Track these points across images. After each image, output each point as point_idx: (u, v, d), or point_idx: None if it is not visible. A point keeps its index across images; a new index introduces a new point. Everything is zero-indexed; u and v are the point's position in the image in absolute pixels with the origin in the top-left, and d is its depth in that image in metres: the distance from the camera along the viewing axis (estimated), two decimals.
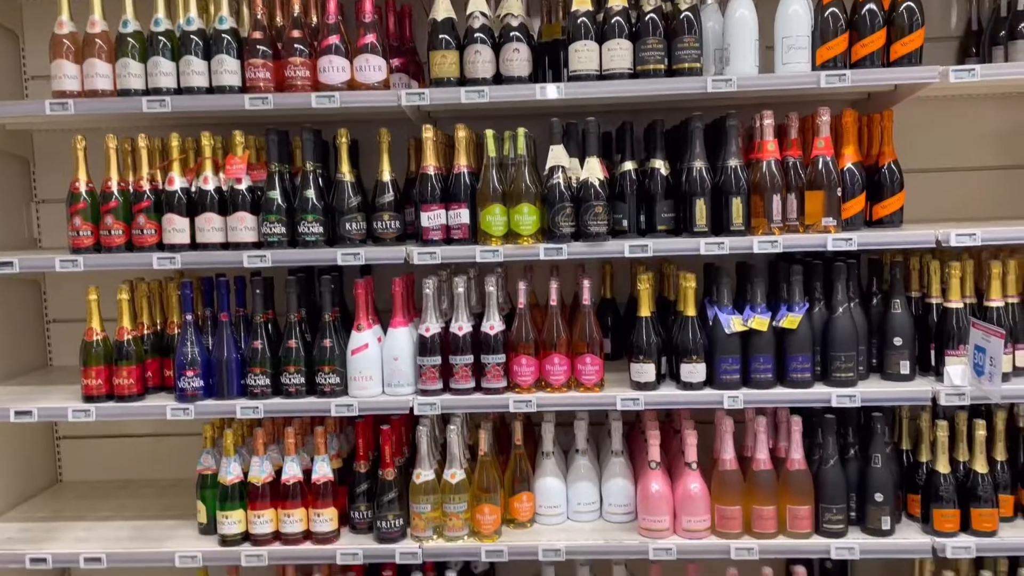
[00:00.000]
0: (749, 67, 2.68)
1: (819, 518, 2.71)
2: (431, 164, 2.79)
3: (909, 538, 2.70)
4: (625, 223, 2.82)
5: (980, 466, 2.67)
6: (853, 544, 2.67)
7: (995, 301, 2.70)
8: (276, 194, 2.76)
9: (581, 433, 2.96)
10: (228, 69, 2.73)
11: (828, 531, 2.70)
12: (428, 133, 2.77)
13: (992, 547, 2.65)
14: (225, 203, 2.78)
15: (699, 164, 2.73)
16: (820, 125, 2.69)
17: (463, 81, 2.75)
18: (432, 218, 2.77)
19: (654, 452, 2.78)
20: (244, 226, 2.77)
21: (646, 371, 2.76)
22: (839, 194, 2.69)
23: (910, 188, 2.86)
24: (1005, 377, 2.61)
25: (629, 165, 2.85)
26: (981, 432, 2.66)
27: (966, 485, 2.67)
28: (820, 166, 2.68)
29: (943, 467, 2.67)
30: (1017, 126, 3.20)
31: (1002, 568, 2.72)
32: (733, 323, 2.70)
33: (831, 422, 2.71)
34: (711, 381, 2.74)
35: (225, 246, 2.79)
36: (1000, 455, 2.74)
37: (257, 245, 2.79)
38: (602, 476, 2.94)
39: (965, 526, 2.67)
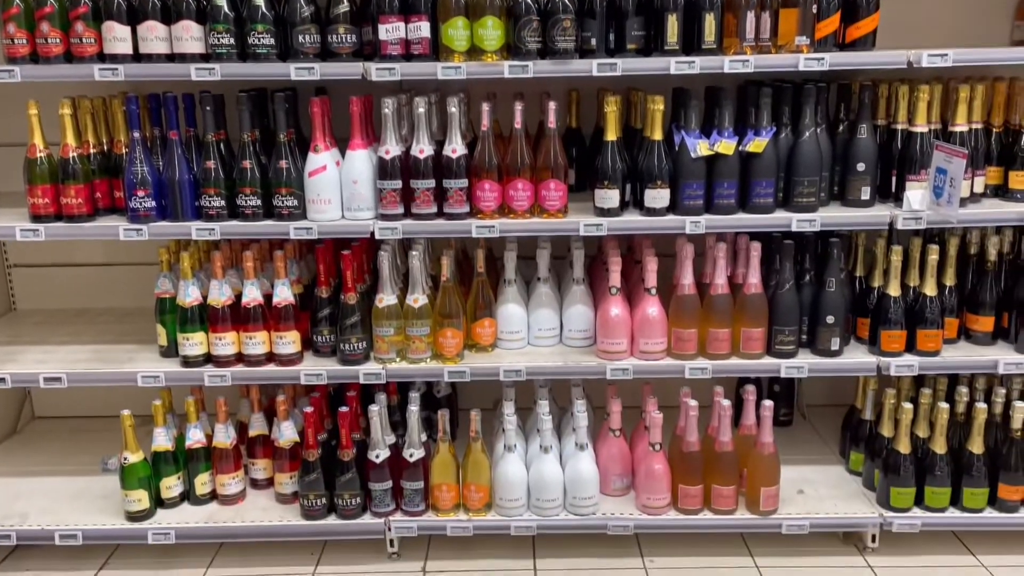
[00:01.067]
0: None
1: (771, 340, 2.79)
2: None
3: (856, 358, 2.81)
4: (593, 42, 2.70)
5: (930, 289, 2.74)
6: (803, 363, 2.77)
7: (960, 126, 2.69)
8: (223, 1, 2.58)
9: (543, 262, 2.96)
10: None
11: (780, 352, 2.79)
12: None
13: (934, 366, 2.77)
14: (168, 10, 2.60)
15: None
16: None
17: None
18: (390, 31, 2.63)
19: (615, 278, 2.80)
20: (190, 36, 2.60)
21: (610, 197, 2.73)
22: (814, 11, 2.60)
23: (884, 12, 2.78)
24: (962, 203, 2.65)
25: None
26: (933, 256, 2.72)
27: (914, 308, 2.76)
28: None
29: (894, 291, 2.75)
30: None
31: (941, 386, 2.85)
32: (699, 147, 2.66)
33: (789, 247, 2.74)
34: (674, 207, 2.74)
35: (171, 58, 2.63)
36: (949, 280, 2.81)
37: (204, 58, 2.63)
38: (563, 304, 2.98)
39: (910, 347, 2.78)
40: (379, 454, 2.77)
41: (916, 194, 2.65)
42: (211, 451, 2.90)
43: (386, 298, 2.79)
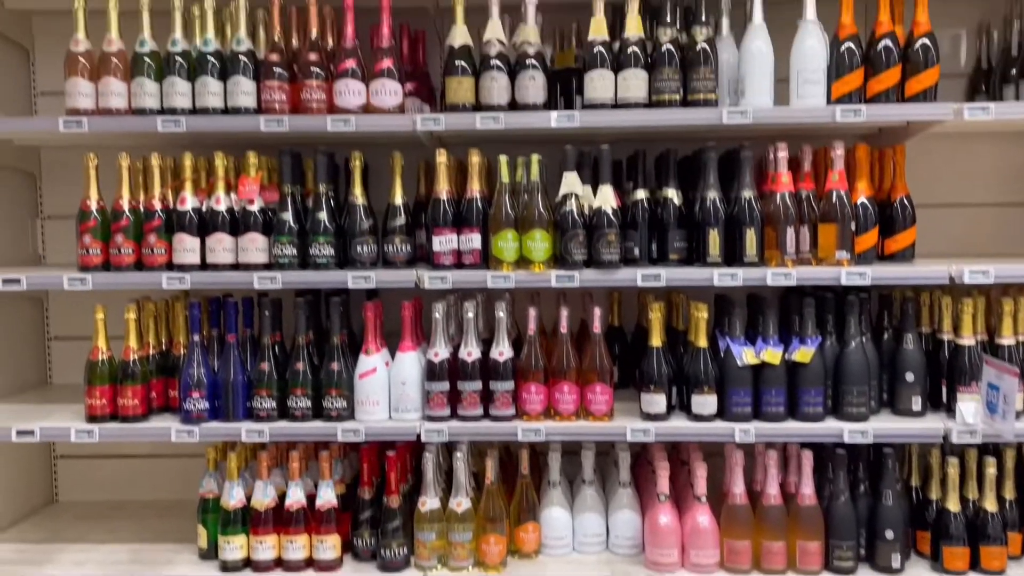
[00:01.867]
0: (764, 99, 2.69)
1: (829, 554, 2.68)
2: (444, 189, 2.78)
3: None
4: (636, 251, 2.81)
5: (990, 504, 2.65)
6: None
7: (1007, 339, 2.69)
8: (288, 216, 2.75)
9: (588, 463, 2.93)
10: (244, 90, 2.72)
11: (838, 568, 2.66)
12: (441, 158, 2.77)
13: None
14: (236, 224, 2.77)
15: (713, 195, 2.73)
16: (834, 159, 2.70)
17: (478, 107, 2.75)
18: (444, 243, 2.76)
19: (663, 484, 2.75)
20: (255, 247, 2.75)
21: (657, 401, 2.74)
22: (852, 228, 2.69)
23: (921, 222, 2.87)
24: (1017, 415, 2.60)
25: (642, 194, 2.85)
26: (991, 470, 2.64)
27: (975, 523, 2.65)
28: (834, 199, 2.68)
29: (953, 505, 2.65)
30: None
31: None
32: (745, 355, 2.68)
33: (842, 457, 2.69)
34: (722, 413, 2.73)
35: (236, 267, 2.77)
36: (1009, 493, 2.72)
37: (268, 266, 2.77)
38: (609, 507, 2.91)
39: (974, 564, 2.65)
40: None
41: (969, 407, 2.62)
42: None
43: (429, 501, 2.75)
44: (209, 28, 2.72)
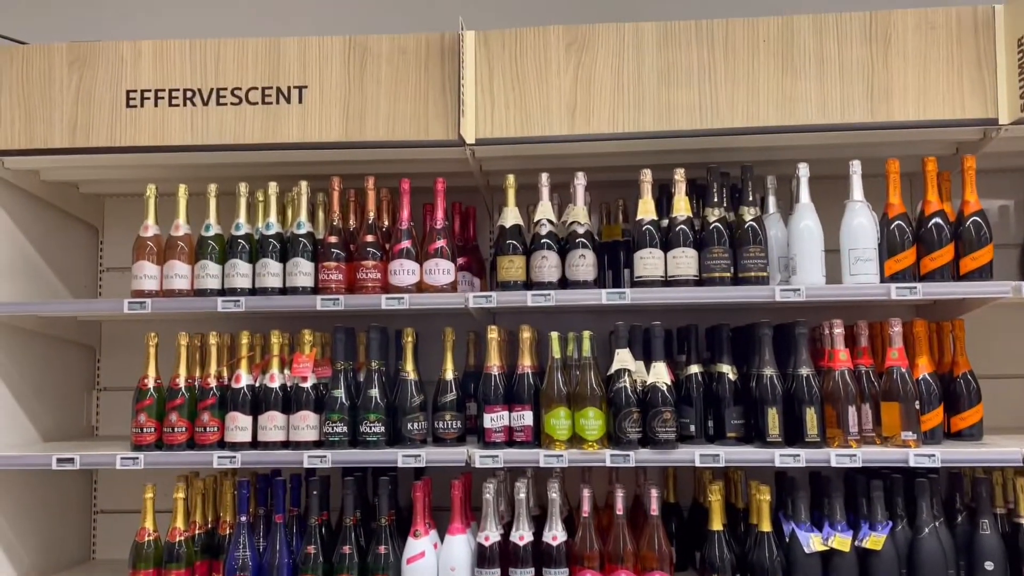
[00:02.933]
0: (816, 275, 2.69)
1: None
2: (495, 364, 2.78)
3: None
4: (692, 428, 2.75)
5: None
6: None
7: None
8: (340, 392, 2.75)
9: None
10: (303, 271, 2.80)
11: None
12: (493, 335, 2.79)
13: None
14: (289, 401, 2.77)
15: (769, 372, 2.68)
16: (893, 336, 2.65)
17: (529, 284, 2.79)
18: (495, 419, 2.73)
19: None
20: (306, 424, 2.75)
21: None
22: (916, 406, 2.61)
23: (986, 393, 2.78)
24: None
25: (695, 368, 2.82)
26: None
27: None
28: (896, 377, 2.62)
29: None
30: None
31: None
32: (813, 542, 2.55)
33: None
34: None
35: (286, 444, 2.76)
36: None
37: (318, 444, 2.75)
38: None
39: None
40: None
41: None
42: None
43: None
44: (272, 212, 2.84)
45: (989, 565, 2.55)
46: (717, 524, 2.65)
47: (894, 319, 2.66)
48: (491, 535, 2.68)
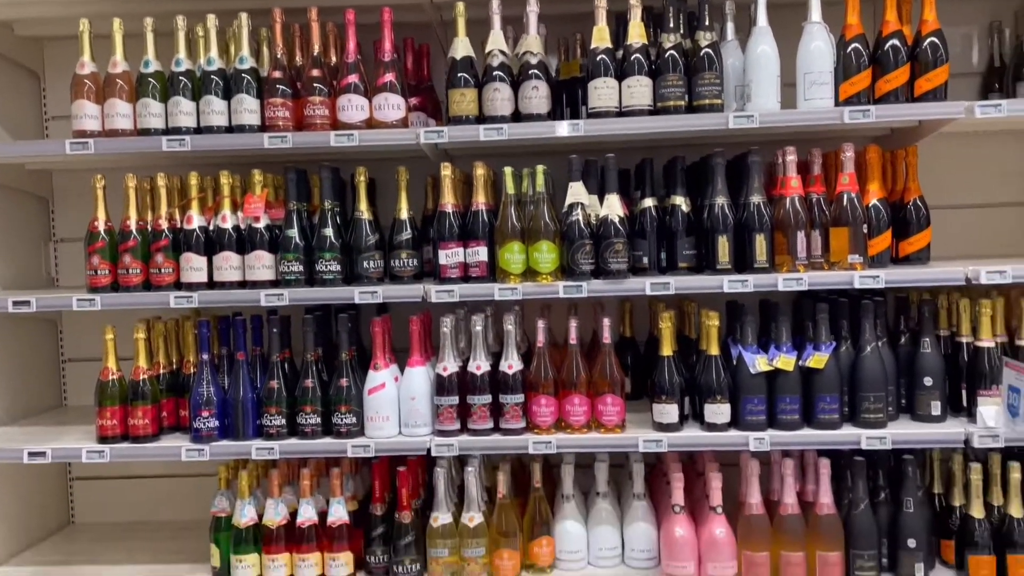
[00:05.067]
0: (771, 103, 2.65)
1: (850, 565, 2.61)
2: (449, 202, 2.77)
3: None
4: (645, 260, 2.78)
5: (1015, 510, 2.57)
6: None
7: None
8: (294, 232, 2.75)
9: (602, 475, 2.88)
10: (248, 108, 2.73)
11: None
12: (447, 171, 2.76)
13: None
14: (243, 241, 2.77)
15: (721, 201, 2.69)
16: (845, 161, 2.65)
17: (481, 119, 2.74)
18: (450, 256, 2.74)
19: (678, 496, 2.70)
20: (262, 264, 2.75)
21: (669, 412, 2.70)
22: (865, 231, 2.64)
23: (935, 224, 2.82)
24: None
25: (649, 202, 2.82)
26: (1016, 475, 2.57)
27: (1001, 530, 2.58)
28: (845, 202, 2.64)
29: (977, 512, 2.59)
30: None
31: None
32: (759, 363, 2.64)
33: (861, 465, 2.63)
34: (736, 422, 2.68)
35: (243, 284, 2.77)
36: None
37: (275, 283, 2.77)
38: (624, 520, 2.86)
39: (1001, 573, 2.57)
40: None
41: (990, 411, 2.55)
42: None
43: (441, 517, 2.73)
44: (212, 47, 2.74)
45: (928, 381, 2.66)
46: (667, 350, 2.73)
47: (847, 143, 2.65)
48: (449, 366, 2.75)
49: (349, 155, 2.99)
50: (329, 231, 2.75)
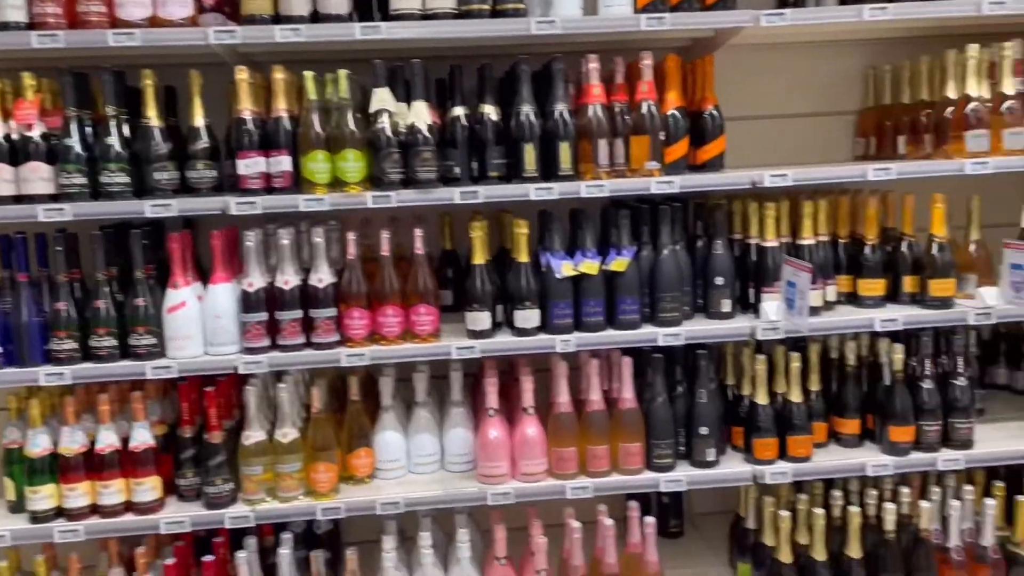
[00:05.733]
0: (573, 10, 2.66)
1: (649, 454, 2.79)
2: (247, 108, 2.63)
3: (733, 468, 2.82)
4: (458, 170, 2.76)
5: (796, 396, 2.81)
6: (680, 476, 2.77)
7: (807, 239, 2.83)
8: (74, 141, 2.54)
9: (420, 385, 2.92)
10: (12, 3, 2.46)
11: (658, 466, 2.78)
12: (242, 75, 2.61)
13: (806, 471, 2.81)
14: (16, 151, 2.53)
15: (527, 108, 2.70)
16: (643, 70, 2.71)
17: (278, 19, 2.60)
18: (250, 166, 2.62)
19: (492, 399, 2.78)
20: (39, 177, 2.53)
21: (481, 319, 2.74)
22: (663, 138, 2.74)
23: (733, 135, 2.95)
24: (815, 311, 2.76)
25: (460, 111, 2.78)
26: (796, 364, 2.80)
27: (783, 415, 2.82)
28: (644, 111, 2.71)
29: (762, 399, 2.80)
30: (828, 73, 3.35)
31: (817, 491, 2.89)
32: (564, 268, 2.71)
33: (659, 361, 2.78)
34: (545, 326, 2.76)
35: (18, 199, 2.55)
36: (814, 385, 2.89)
37: (55, 198, 2.56)
38: (443, 427, 2.92)
39: (783, 453, 2.82)
40: None
41: (771, 305, 2.75)
42: None
43: (253, 435, 2.68)
44: None
45: (719, 280, 2.82)
46: (479, 259, 2.75)
47: (645, 52, 2.71)
48: (255, 281, 2.66)
49: (141, 60, 2.76)
50: (114, 140, 2.55)
